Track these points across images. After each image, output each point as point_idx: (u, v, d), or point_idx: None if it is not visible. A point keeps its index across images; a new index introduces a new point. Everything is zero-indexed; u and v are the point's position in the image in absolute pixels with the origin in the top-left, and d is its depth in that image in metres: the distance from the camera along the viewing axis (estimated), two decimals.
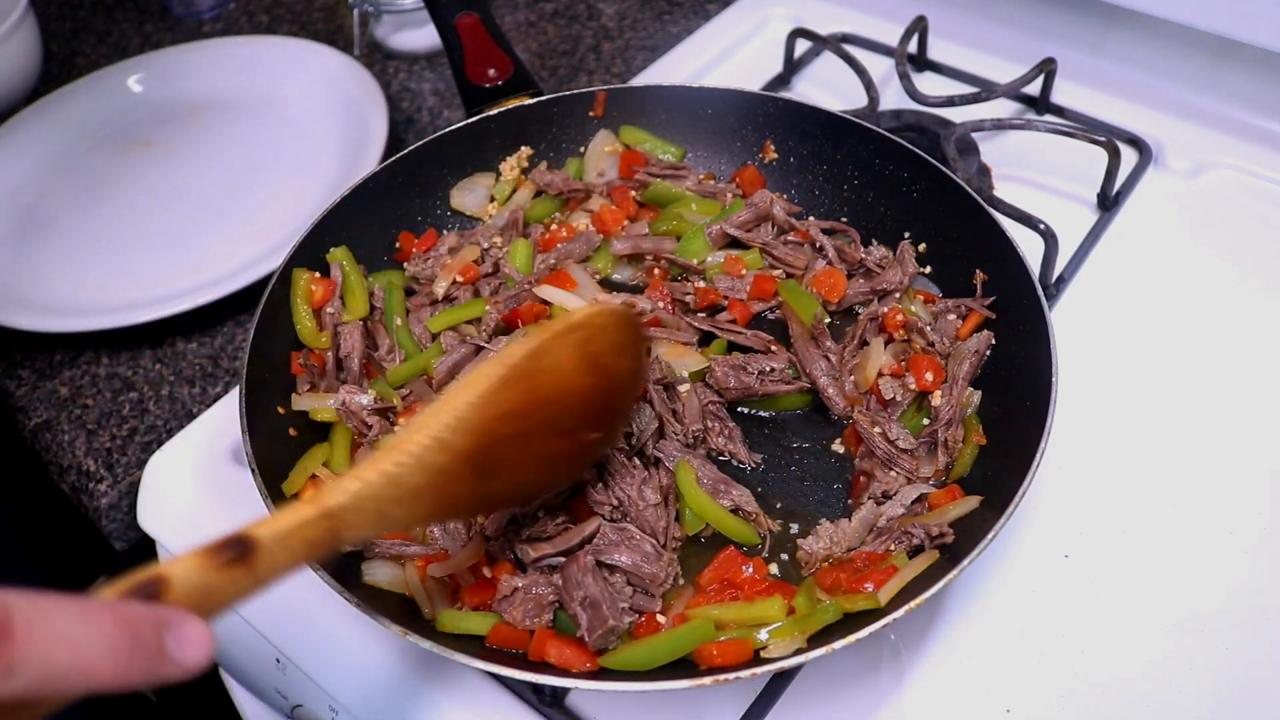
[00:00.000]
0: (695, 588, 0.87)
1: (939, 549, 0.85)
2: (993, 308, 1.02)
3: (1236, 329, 1.13)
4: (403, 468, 0.61)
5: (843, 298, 1.08)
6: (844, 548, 0.88)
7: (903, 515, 0.89)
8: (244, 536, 0.51)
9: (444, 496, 0.64)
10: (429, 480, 0.62)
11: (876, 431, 0.95)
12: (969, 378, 0.98)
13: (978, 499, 0.87)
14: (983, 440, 0.95)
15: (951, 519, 0.86)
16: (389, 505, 0.60)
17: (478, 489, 0.66)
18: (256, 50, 1.62)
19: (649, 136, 1.24)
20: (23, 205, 1.43)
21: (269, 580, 0.53)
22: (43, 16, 1.76)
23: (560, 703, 0.87)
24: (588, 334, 0.71)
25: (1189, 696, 0.86)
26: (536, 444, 0.69)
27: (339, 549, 0.59)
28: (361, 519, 0.59)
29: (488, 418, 0.64)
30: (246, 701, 1.11)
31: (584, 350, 0.70)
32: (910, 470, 0.93)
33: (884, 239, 1.14)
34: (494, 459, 0.66)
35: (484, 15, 1.28)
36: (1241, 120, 1.35)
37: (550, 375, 0.68)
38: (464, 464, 0.63)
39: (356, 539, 0.60)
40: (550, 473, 0.74)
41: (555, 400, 0.69)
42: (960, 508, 0.87)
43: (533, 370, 0.66)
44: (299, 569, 0.56)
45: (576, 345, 0.70)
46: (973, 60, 1.45)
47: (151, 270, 1.32)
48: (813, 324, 1.03)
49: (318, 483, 0.92)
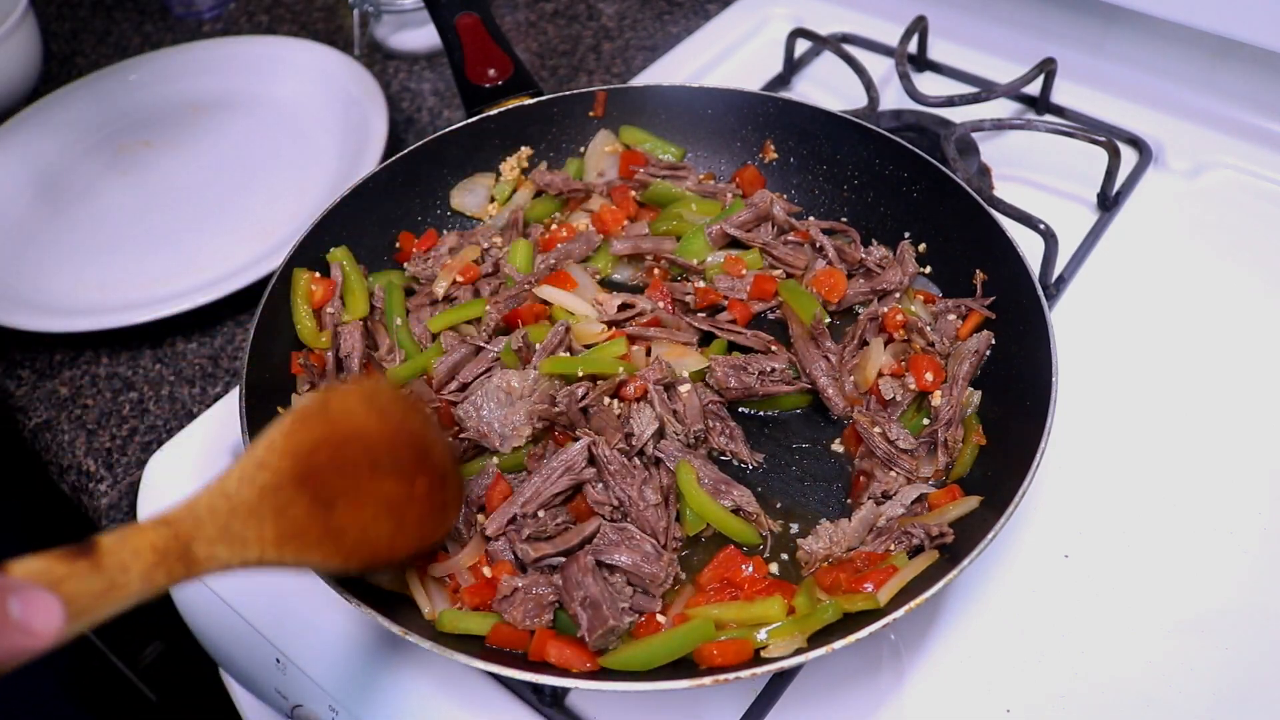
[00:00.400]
0: (695, 587, 0.87)
1: (939, 549, 0.85)
2: (993, 308, 1.02)
3: (1236, 329, 1.13)
4: (228, 483, 0.65)
5: (843, 298, 1.08)
6: (844, 548, 0.88)
7: (903, 515, 0.89)
8: (88, 538, 0.53)
9: (285, 520, 0.67)
10: (261, 498, 0.66)
11: (876, 431, 0.95)
12: (969, 378, 0.98)
13: (977, 499, 0.87)
14: (983, 440, 0.95)
15: (951, 519, 0.87)
16: (229, 518, 0.64)
17: (322, 519, 0.70)
18: (256, 50, 1.62)
19: (649, 136, 1.24)
20: (23, 205, 1.43)
21: (122, 583, 0.54)
22: (43, 16, 1.76)
23: (560, 703, 0.87)
24: (365, 393, 0.78)
25: (1189, 696, 0.86)
26: (364, 479, 0.74)
27: (196, 563, 0.61)
28: (205, 530, 0.62)
29: (296, 443, 0.70)
30: (246, 701, 1.11)
31: (369, 402, 0.77)
32: (910, 470, 0.93)
33: (884, 239, 1.14)
34: (324, 485, 0.71)
35: (484, 15, 1.28)
36: (1241, 120, 1.35)
37: (343, 416, 0.75)
38: (292, 484, 0.68)
39: (210, 555, 0.62)
40: (395, 519, 0.77)
41: (357, 436, 0.75)
42: (960, 508, 0.87)
43: (322, 409, 0.74)
44: (157, 581, 0.57)
45: (360, 398, 0.77)
46: (973, 60, 1.45)
47: (151, 270, 1.32)
48: (813, 324, 1.03)
49: None
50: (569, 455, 0.90)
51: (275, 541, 0.66)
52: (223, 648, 1.02)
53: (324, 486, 0.70)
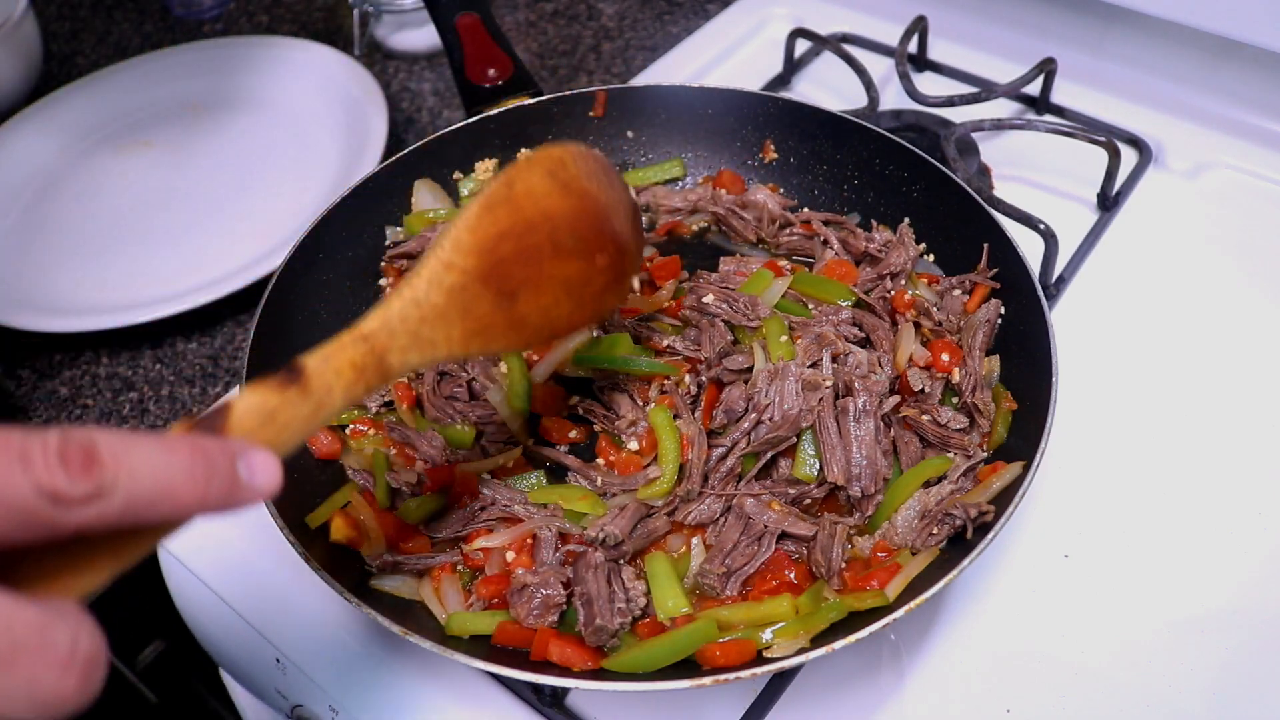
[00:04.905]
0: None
1: (939, 548, 0.85)
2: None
3: (1236, 329, 1.13)
4: (418, 289, 0.67)
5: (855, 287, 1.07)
6: (906, 541, 0.87)
7: (951, 493, 0.88)
8: (292, 362, 0.57)
9: (471, 318, 0.70)
10: (449, 300, 0.68)
11: (926, 420, 0.94)
12: (985, 347, 0.98)
13: (1020, 465, 0.86)
14: (1013, 405, 0.94)
15: (995, 493, 0.85)
16: (419, 325, 0.66)
17: (506, 311, 0.72)
18: (256, 50, 1.62)
19: (648, 170, 1.24)
20: (23, 205, 1.43)
21: (327, 403, 0.58)
22: (43, 16, 1.76)
23: (560, 703, 0.87)
24: (551, 165, 0.76)
25: (1189, 696, 0.86)
26: (546, 265, 0.75)
27: (390, 373, 0.64)
28: (398, 340, 0.65)
29: (482, 238, 0.70)
30: (246, 701, 1.11)
31: (553, 178, 0.76)
32: (965, 449, 0.92)
33: None
34: (508, 278, 0.72)
35: (484, 15, 1.28)
36: (1241, 120, 1.35)
37: (527, 199, 0.74)
38: (478, 282, 0.70)
39: (404, 362, 0.65)
40: (574, 298, 0.78)
41: (542, 220, 0.74)
42: (1003, 479, 0.86)
43: (508, 195, 0.73)
44: (356, 394, 0.61)
45: (544, 174, 0.76)
46: (973, 60, 1.45)
47: (151, 270, 1.32)
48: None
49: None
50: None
51: (461, 339, 0.69)
52: (223, 648, 1.02)
53: (508, 279, 0.71)
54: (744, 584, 0.87)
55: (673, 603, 0.83)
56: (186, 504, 0.46)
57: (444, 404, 1.00)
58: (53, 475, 0.41)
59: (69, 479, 0.41)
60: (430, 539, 0.90)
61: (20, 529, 0.41)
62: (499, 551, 0.88)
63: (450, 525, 0.91)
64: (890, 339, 1.01)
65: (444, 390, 1.01)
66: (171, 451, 0.46)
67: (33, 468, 0.41)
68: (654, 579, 0.85)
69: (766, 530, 0.88)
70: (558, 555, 0.87)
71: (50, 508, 0.41)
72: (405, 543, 0.90)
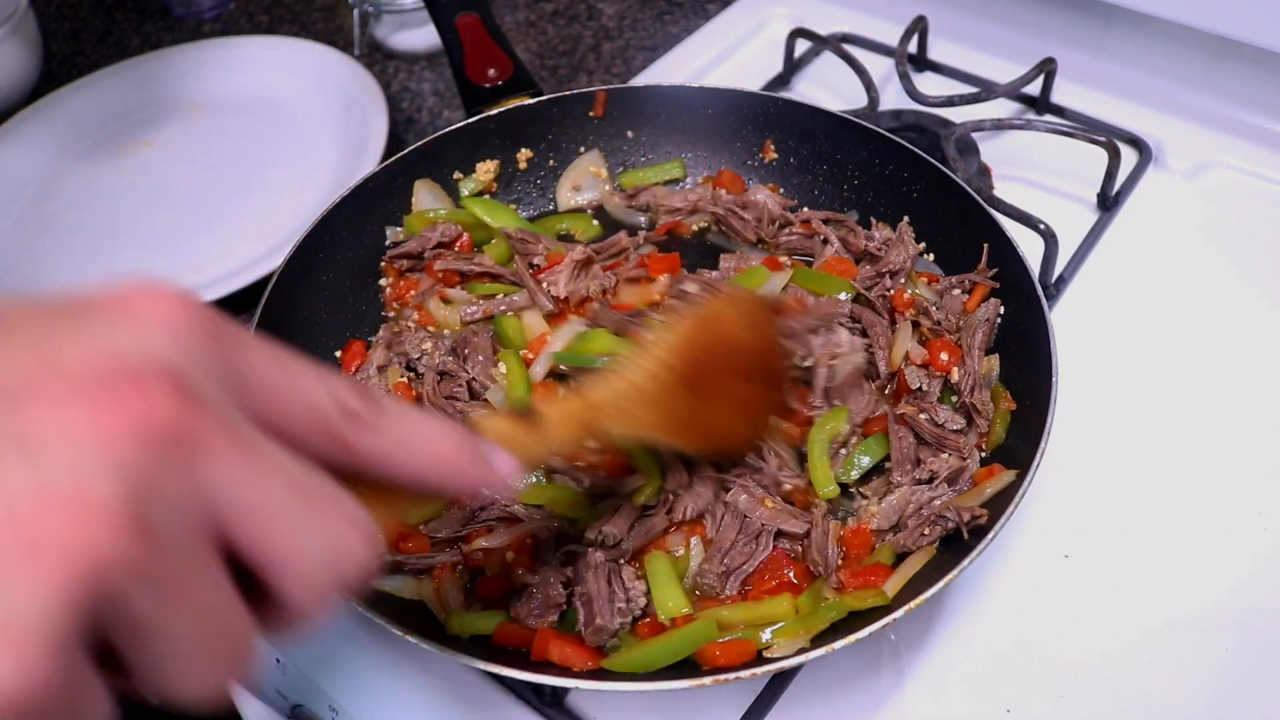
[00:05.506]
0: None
1: (938, 548, 0.85)
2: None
3: (1236, 329, 1.13)
4: (640, 379, 0.78)
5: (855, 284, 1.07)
6: (876, 526, 0.88)
7: (946, 497, 0.88)
8: (530, 408, 0.66)
9: (669, 411, 0.79)
10: (659, 393, 0.78)
11: (923, 418, 0.94)
12: (984, 346, 0.98)
13: (1013, 474, 0.86)
14: (1012, 405, 0.94)
15: (988, 497, 0.86)
16: (635, 406, 0.77)
17: (697, 413, 0.82)
18: (256, 50, 1.62)
19: (648, 170, 1.24)
20: (23, 205, 1.43)
21: (553, 445, 0.67)
22: (43, 16, 1.76)
23: (560, 703, 0.87)
24: (745, 306, 0.90)
25: (1189, 696, 0.86)
26: (732, 384, 0.87)
27: (601, 436, 0.75)
28: (616, 414, 0.75)
29: (692, 347, 0.82)
30: (246, 702, 1.11)
31: (746, 316, 0.89)
32: (960, 450, 0.92)
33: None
34: (704, 386, 0.82)
35: (484, 15, 1.28)
36: (1241, 120, 1.35)
37: (728, 326, 0.87)
38: (681, 383, 0.80)
39: (613, 429, 0.75)
40: (743, 417, 0.90)
41: (736, 345, 0.87)
42: (996, 484, 0.86)
43: (715, 318, 0.86)
44: (573, 443, 0.72)
45: (740, 310, 0.89)
46: (973, 60, 1.45)
47: (151, 270, 1.32)
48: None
49: None
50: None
51: (657, 426, 0.79)
52: None
53: (704, 386, 0.82)
54: (743, 583, 0.87)
55: (673, 603, 0.83)
56: (448, 463, 0.50)
57: (444, 404, 1.00)
58: (348, 395, 0.47)
59: (360, 402, 0.47)
60: (430, 539, 0.90)
61: (321, 439, 0.46)
62: (499, 551, 0.88)
63: (450, 525, 0.91)
64: (887, 336, 1.01)
65: (444, 390, 1.01)
66: (436, 421, 0.52)
67: (334, 386, 0.46)
68: (654, 579, 0.85)
69: (763, 528, 0.88)
70: (558, 555, 0.87)
71: (344, 423, 0.46)
72: (405, 543, 0.90)
